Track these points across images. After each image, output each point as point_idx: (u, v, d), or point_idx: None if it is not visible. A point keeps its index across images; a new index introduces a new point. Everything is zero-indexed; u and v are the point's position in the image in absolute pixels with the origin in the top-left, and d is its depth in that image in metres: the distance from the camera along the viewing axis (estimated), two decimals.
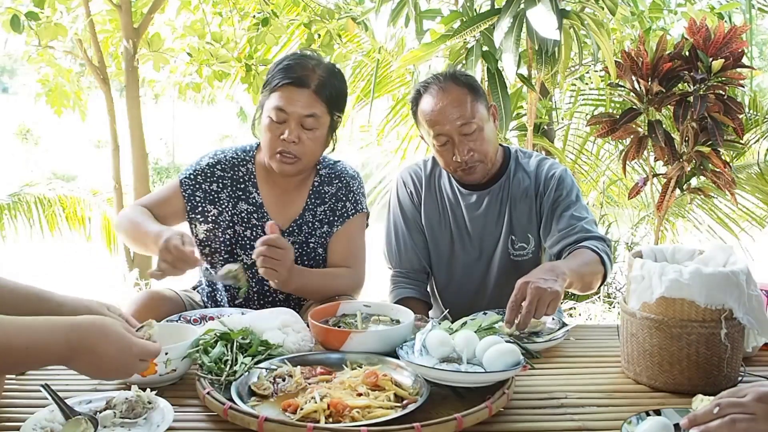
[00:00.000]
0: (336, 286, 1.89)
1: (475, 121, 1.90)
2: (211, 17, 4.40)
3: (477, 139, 1.92)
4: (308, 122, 1.84)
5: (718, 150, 2.78)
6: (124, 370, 1.14)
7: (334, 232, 1.97)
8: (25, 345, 1.04)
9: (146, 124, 4.40)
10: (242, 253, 1.95)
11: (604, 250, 1.85)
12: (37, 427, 1.15)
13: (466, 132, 1.90)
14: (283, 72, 1.85)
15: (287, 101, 1.82)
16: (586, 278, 1.76)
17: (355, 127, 5.82)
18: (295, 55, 1.91)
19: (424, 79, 2.03)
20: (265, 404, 1.25)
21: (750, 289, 1.37)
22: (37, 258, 6.16)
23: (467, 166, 1.94)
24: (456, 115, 1.89)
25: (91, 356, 1.09)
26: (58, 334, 1.07)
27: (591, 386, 1.41)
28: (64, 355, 1.08)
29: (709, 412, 1.01)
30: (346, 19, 4.04)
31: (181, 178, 1.97)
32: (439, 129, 1.91)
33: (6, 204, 4.77)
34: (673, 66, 2.70)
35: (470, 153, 1.92)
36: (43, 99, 4.69)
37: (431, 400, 1.25)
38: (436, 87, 1.94)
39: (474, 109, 1.91)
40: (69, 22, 4.19)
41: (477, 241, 2.04)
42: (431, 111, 1.92)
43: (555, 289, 1.51)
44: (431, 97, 1.94)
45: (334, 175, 2.00)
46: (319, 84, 1.84)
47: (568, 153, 4.82)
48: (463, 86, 1.93)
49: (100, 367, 1.11)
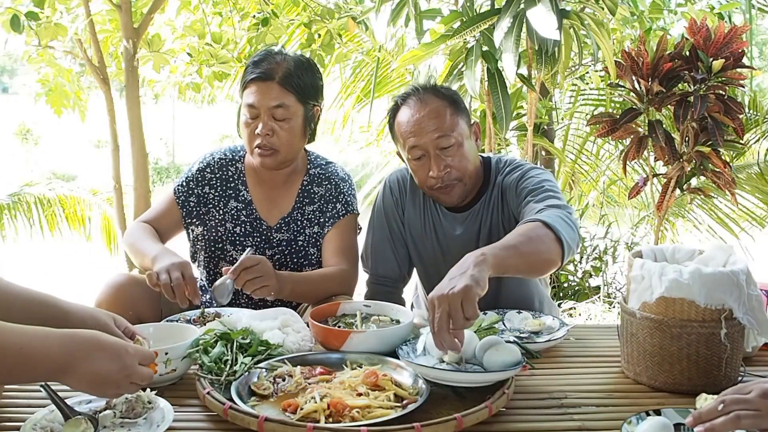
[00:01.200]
0: (328, 288, 1.89)
1: (454, 135, 1.79)
2: (211, 17, 4.40)
3: (455, 155, 1.80)
4: (278, 113, 1.87)
5: (718, 150, 2.78)
6: (122, 378, 1.12)
7: (325, 233, 1.99)
8: (19, 345, 1.03)
9: (146, 124, 4.39)
10: (232, 249, 1.99)
11: (555, 214, 1.57)
12: (37, 427, 1.15)
13: (443, 146, 1.79)
14: (250, 69, 1.90)
15: (256, 96, 1.87)
16: (524, 250, 1.46)
17: (355, 127, 5.82)
18: (262, 52, 1.95)
19: (404, 91, 1.93)
20: (265, 404, 1.25)
21: (750, 289, 1.37)
22: (37, 258, 6.15)
23: (443, 185, 1.82)
24: (433, 127, 1.79)
25: (87, 366, 1.08)
26: (53, 341, 1.06)
27: (591, 386, 1.41)
28: (59, 364, 1.06)
29: (713, 409, 1.01)
30: (346, 18, 4.03)
31: (175, 188, 2.03)
32: (414, 141, 1.80)
33: (6, 204, 4.77)
34: (673, 66, 2.70)
35: (447, 169, 1.80)
36: (43, 99, 4.68)
37: (431, 400, 1.25)
38: (414, 98, 1.85)
39: (453, 122, 1.80)
40: (69, 22, 4.19)
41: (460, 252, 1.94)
42: (407, 122, 1.82)
43: (461, 286, 1.27)
44: (409, 109, 1.84)
45: (324, 176, 2.03)
46: (284, 75, 1.87)
47: (568, 153, 4.82)
48: (444, 98, 1.83)
49: (96, 379, 1.09)
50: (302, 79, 1.90)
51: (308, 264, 1.99)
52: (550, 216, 1.56)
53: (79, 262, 6.29)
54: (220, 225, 1.99)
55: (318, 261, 2.01)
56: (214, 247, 1.99)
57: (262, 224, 1.99)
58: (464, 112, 1.87)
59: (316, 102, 1.96)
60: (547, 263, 1.53)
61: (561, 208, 1.63)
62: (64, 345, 1.07)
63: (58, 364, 1.06)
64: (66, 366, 1.07)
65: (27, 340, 1.05)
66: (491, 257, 1.36)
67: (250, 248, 1.94)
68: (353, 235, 2.03)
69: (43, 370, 1.07)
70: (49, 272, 6.05)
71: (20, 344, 1.04)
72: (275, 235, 1.98)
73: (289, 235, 1.98)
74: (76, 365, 1.07)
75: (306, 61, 1.97)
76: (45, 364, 1.06)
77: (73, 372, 1.07)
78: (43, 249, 5.52)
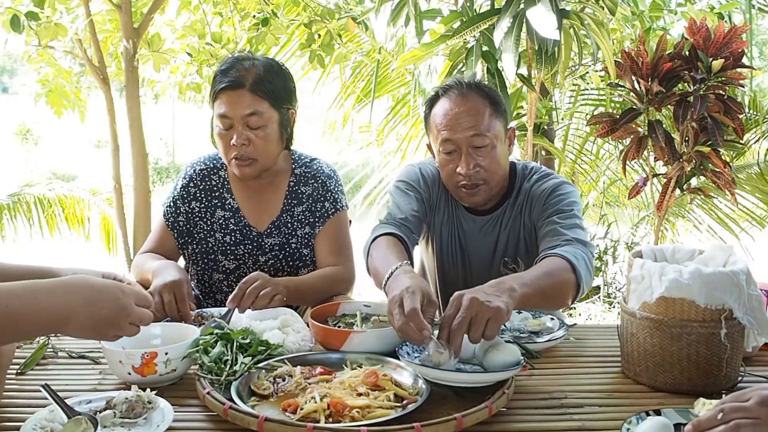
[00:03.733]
0: (328, 288, 1.89)
1: (489, 136, 1.77)
2: (211, 17, 4.40)
3: (487, 156, 1.78)
4: (252, 121, 1.83)
5: (718, 150, 2.78)
6: (121, 318, 1.12)
7: (316, 233, 1.97)
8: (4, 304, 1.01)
9: (146, 124, 4.39)
10: (224, 259, 1.97)
11: (581, 255, 1.63)
12: (37, 427, 1.15)
13: (476, 144, 1.76)
14: (219, 78, 1.85)
15: (227, 106, 1.82)
16: (548, 291, 1.52)
17: (355, 127, 5.82)
18: (229, 59, 1.90)
19: (446, 82, 1.88)
20: (265, 404, 1.25)
21: (750, 289, 1.37)
22: (37, 258, 6.15)
23: (470, 183, 1.80)
24: (470, 124, 1.76)
25: (85, 311, 1.07)
26: (41, 295, 1.05)
27: (591, 386, 1.41)
28: (59, 316, 1.05)
29: (713, 417, 1.01)
30: (346, 19, 4.04)
31: (164, 210, 2.01)
32: (448, 135, 1.77)
33: (6, 204, 4.77)
34: (673, 66, 2.71)
35: (476, 169, 1.78)
36: (43, 99, 4.69)
37: (431, 400, 1.25)
38: (456, 92, 1.81)
39: (491, 123, 1.77)
40: (69, 22, 4.19)
41: (476, 260, 1.95)
42: (444, 115, 1.79)
43: (496, 305, 1.27)
44: (448, 101, 1.80)
45: (309, 174, 2.00)
46: (254, 81, 1.82)
47: (568, 153, 4.83)
48: (485, 98, 1.80)
49: (96, 324, 1.09)
50: (273, 83, 1.85)
51: (303, 266, 1.98)
52: (577, 257, 1.61)
53: (79, 262, 6.29)
54: (209, 236, 1.97)
55: (312, 262, 1.99)
56: (207, 259, 1.97)
57: (252, 231, 1.96)
58: (503, 115, 1.83)
59: (290, 105, 1.92)
60: (559, 306, 1.65)
61: (586, 245, 1.69)
62: (58, 295, 1.07)
63: (57, 315, 1.06)
64: (65, 316, 1.06)
65: (30, 290, 1.04)
66: (520, 296, 1.39)
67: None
68: (345, 232, 2.01)
69: (42, 324, 1.06)
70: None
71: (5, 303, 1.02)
72: (266, 240, 1.96)
73: (280, 239, 1.96)
74: (75, 313, 1.07)
75: (276, 64, 1.92)
76: (42, 318, 1.05)
77: (73, 321, 1.07)
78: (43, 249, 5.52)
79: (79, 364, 1.52)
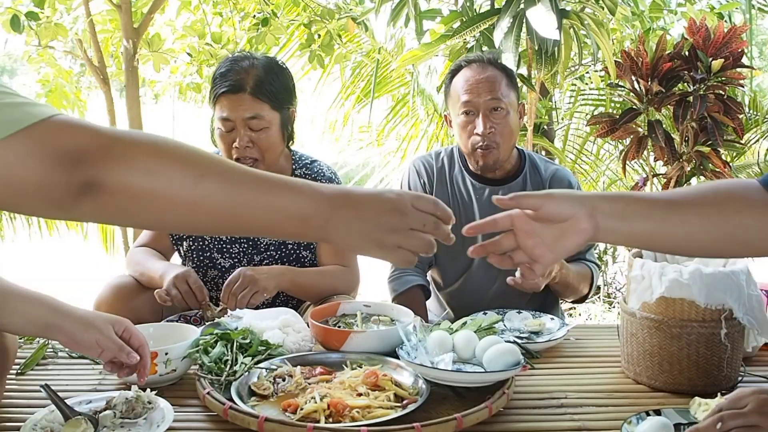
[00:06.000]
0: (330, 283, 1.88)
1: (504, 103, 1.96)
2: (211, 17, 4.40)
3: (501, 121, 1.96)
4: (254, 124, 1.83)
5: (718, 150, 2.78)
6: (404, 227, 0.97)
7: None
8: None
9: (146, 124, 4.39)
10: (220, 257, 1.97)
11: (594, 269, 1.99)
12: (37, 427, 1.15)
13: (493, 107, 1.95)
14: (219, 81, 1.85)
15: (229, 109, 1.82)
16: (571, 279, 1.85)
17: (355, 127, 5.82)
18: (228, 61, 1.89)
19: (469, 55, 2.11)
20: (265, 404, 1.25)
21: (750, 289, 1.37)
22: (37, 258, 6.15)
23: (485, 144, 1.97)
24: (488, 89, 1.96)
25: (355, 212, 0.95)
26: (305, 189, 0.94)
27: (591, 386, 1.41)
28: (322, 207, 0.93)
29: (711, 425, 1.01)
30: (346, 19, 4.03)
31: None
32: (468, 97, 1.96)
33: None
34: (672, 66, 2.71)
35: (491, 129, 1.96)
36: (43, 99, 4.69)
37: (431, 400, 1.25)
38: (478, 63, 2.01)
39: (507, 92, 1.98)
40: (69, 23, 4.19)
41: (485, 237, 2.02)
42: (466, 81, 1.98)
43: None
44: (470, 71, 2.00)
45: (310, 176, 1.98)
46: (255, 84, 1.82)
47: (568, 153, 4.82)
48: (503, 71, 2.01)
49: (376, 222, 0.95)
50: (274, 85, 1.85)
51: (302, 267, 1.97)
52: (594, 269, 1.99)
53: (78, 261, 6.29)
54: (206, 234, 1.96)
55: (312, 265, 1.98)
56: (202, 257, 1.97)
57: None
58: (516, 89, 2.05)
59: (290, 105, 1.92)
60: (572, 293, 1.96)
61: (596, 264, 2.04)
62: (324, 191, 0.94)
63: (321, 207, 0.93)
64: (332, 207, 0.94)
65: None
66: (559, 265, 1.74)
67: None
68: None
69: (295, 211, 0.93)
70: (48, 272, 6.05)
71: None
72: (262, 239, 1.95)
73: (276, 238, 1.96)
74: (343, 208, 0.95)
75: (275, 63, 1.91)
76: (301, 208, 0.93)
77: (338, 214, 0.94)
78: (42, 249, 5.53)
79: (79, 364, 1.52)
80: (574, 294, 1.96)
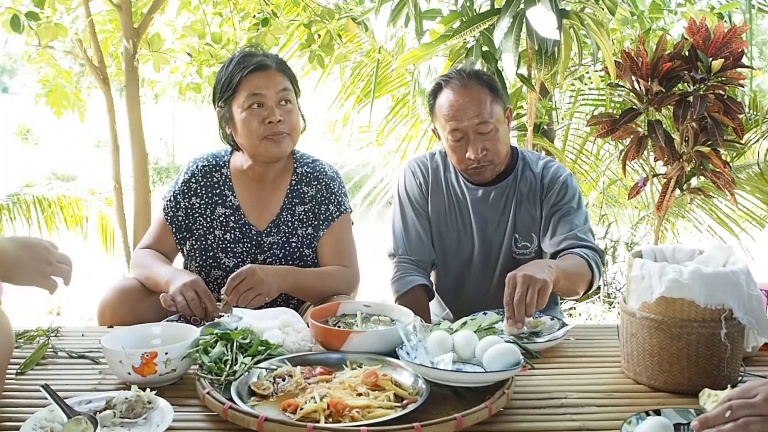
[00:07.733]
0: (332, 284, 1.89)
1: (492, 122, 1.93)
2: (211, 17, 4.40)
3: (492, 139, 1.94)
4: (285, 95, 1.89)
5: (718, 150, 2.78)
6: (39, 260, 1.28)
7: (320, 236, 1.97)
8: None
9: (146, 124, 4.39)
10: (224, 256, 1.97)
11: (594, 258, 1.89)
12: (37, 427, 1.15)
13: (482, 131, 1.93)
14: (240, 66, 1.89)
15: (260, 86, 1.87)
16: (572, 278, 1.81)
17: (355, 127, 5.82)
18: (242, 52, 1.97)
19: (447, 72, 2.06)
20: (265, 404, 1.25)
21: (750, 289, 1.37)
22: None
23: (479, 165, 1.96)
24: (474, 113, 1.92)
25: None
26: None
27: (591, 386, 1.41)
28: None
29: (720, 414, 1.00)
30: (346, 19, 4.03)
31: (163, 204, 2.01)
32: (455, 125, 1.93)
33: (5, 204, 4.77)
34: (672, 66, 2.70)
35: (484, 152, 1.94)
36: (43, 99, 4.69)
37: (431, 400, 1.25)
38: (458, 83, 1.95)
39: (492, 109, 1.94)
40: (69, 23, 4.19)
41: (481, 237, 2.04)
42: (450, 107, 1.94)
43: (543, 278, 1.57)
44: (452, 93, 1.95)
45: (312, 175, 2.00)
46: (278, 62, 1.94)
47: (568, 153, 4.82)
48: (485, 86, 1.96)
49: (16, 258, 1.25)
50: (288, 67, 1.97)
51: (304, 266, 1.97)
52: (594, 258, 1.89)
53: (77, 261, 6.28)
54: (208, 233, 1.97)
55: (314, 263, 1.99)
56: (206, 256, 1.98)
57: (252, 229, 1.96)
58: (501, 99, 2.01)
59: (298, 95, 1.99)
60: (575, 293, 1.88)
61: (598, 253, 1.94)
62: None
63: None
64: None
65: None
66: (555, 271, 1.67)
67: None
68: (350, 235, 2.03)
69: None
70: None
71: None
72: (266, 239, 1.96)
73: (279, 237, 1.96)
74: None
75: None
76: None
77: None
78: None
79: (79, 364, 1.52)
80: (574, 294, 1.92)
